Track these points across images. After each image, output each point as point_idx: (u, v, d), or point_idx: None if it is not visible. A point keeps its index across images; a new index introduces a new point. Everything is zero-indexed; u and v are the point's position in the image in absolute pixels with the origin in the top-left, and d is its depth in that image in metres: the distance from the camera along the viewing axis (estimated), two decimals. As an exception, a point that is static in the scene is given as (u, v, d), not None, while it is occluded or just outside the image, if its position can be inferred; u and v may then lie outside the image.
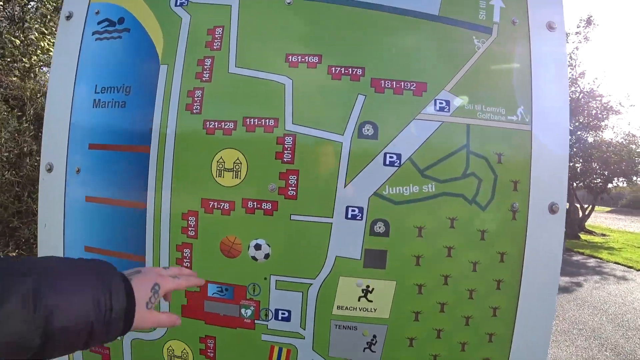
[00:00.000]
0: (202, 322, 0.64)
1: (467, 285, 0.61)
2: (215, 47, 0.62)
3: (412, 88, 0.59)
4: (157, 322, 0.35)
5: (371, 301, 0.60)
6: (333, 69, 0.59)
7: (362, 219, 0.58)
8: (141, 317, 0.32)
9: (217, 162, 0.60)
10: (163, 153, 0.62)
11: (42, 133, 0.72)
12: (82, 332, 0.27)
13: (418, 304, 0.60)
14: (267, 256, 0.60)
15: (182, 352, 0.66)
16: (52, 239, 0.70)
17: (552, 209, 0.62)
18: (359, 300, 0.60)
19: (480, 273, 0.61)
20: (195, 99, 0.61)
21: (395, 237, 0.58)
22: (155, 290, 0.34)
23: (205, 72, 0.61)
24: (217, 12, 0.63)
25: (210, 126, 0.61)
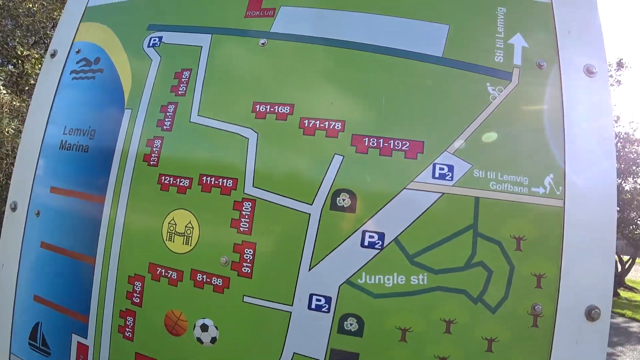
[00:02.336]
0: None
1: (468, 409, 0.45)
2: (180, 92, 0.55)
3: (404, 148, 0.48)
4: None
5: (338, 416, 0.47)
6: (306, 121, 0.49)
7: (329, 312, 0.46)
8: None
9: (169, 223, 0.52)
10: (116, 207, 0.56)
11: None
12: None
13: None
14: (213, 340, 0.50)
15: None
16: (6, 283, 0.66)
17: (591, 315, 0.46)
18: (322, 412, 0.47)
19: (487, 394, 0.45)
20: (154, 149, 0.55)
21: (371, 338, 0.45)
22: None
23: (167, 119, 0.55)
24: (187, 53, 0.57)
25: (166, 181, 0.53)
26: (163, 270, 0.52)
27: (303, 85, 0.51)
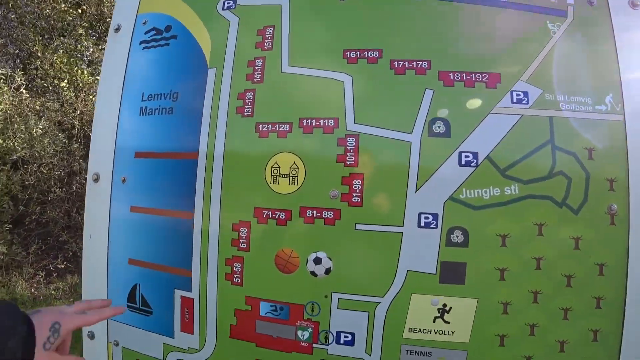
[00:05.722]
0: (253, 344, 0.62)
1: (561, 304, 0.56)
2: (266, 47, 0.64)
3: (484, 80, 0.58)
4: None
5: (448, 322, 0.56)
6: (396, 63, 0.59)
7: (436, 227, 0.56)
8: None
9: (272, 167, 0.61)
10: (212, 159, 0.64)
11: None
12: None
13: (503, 326, 0.56)
14: (328, 271, 0.59)
15: (229, 380, 0.64)
16: (96, 251, 0.73)
17: (657, 210, 0.58)
18: (434, 321, 0.56)
19: (576, 289, 0.56)
20: (247, 101, 0.63)
21: (476, 247, 0.55)
22: (55, 329, 0.36)
23: (256, 73, 0.63)
24: (267, 12, 0.66)
25: (264, 129, 0.62)
26: (270, 213, 0.61)
27: (387, 32, 0.61)
